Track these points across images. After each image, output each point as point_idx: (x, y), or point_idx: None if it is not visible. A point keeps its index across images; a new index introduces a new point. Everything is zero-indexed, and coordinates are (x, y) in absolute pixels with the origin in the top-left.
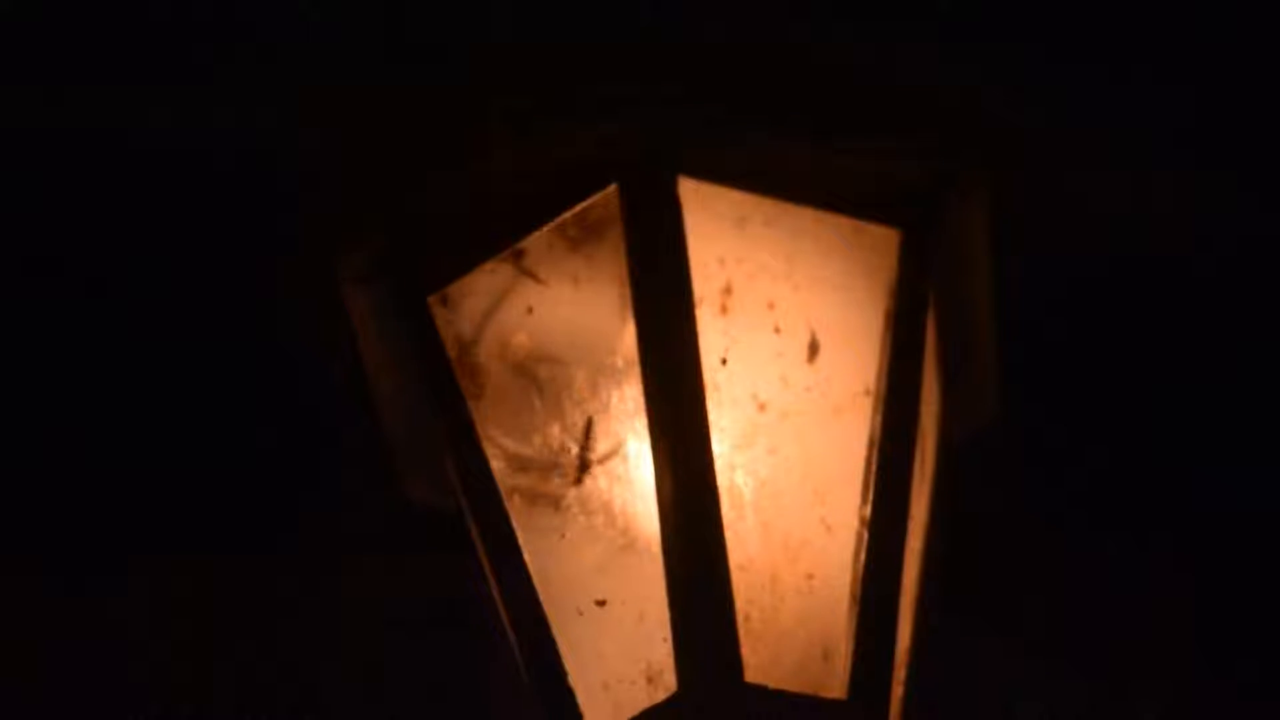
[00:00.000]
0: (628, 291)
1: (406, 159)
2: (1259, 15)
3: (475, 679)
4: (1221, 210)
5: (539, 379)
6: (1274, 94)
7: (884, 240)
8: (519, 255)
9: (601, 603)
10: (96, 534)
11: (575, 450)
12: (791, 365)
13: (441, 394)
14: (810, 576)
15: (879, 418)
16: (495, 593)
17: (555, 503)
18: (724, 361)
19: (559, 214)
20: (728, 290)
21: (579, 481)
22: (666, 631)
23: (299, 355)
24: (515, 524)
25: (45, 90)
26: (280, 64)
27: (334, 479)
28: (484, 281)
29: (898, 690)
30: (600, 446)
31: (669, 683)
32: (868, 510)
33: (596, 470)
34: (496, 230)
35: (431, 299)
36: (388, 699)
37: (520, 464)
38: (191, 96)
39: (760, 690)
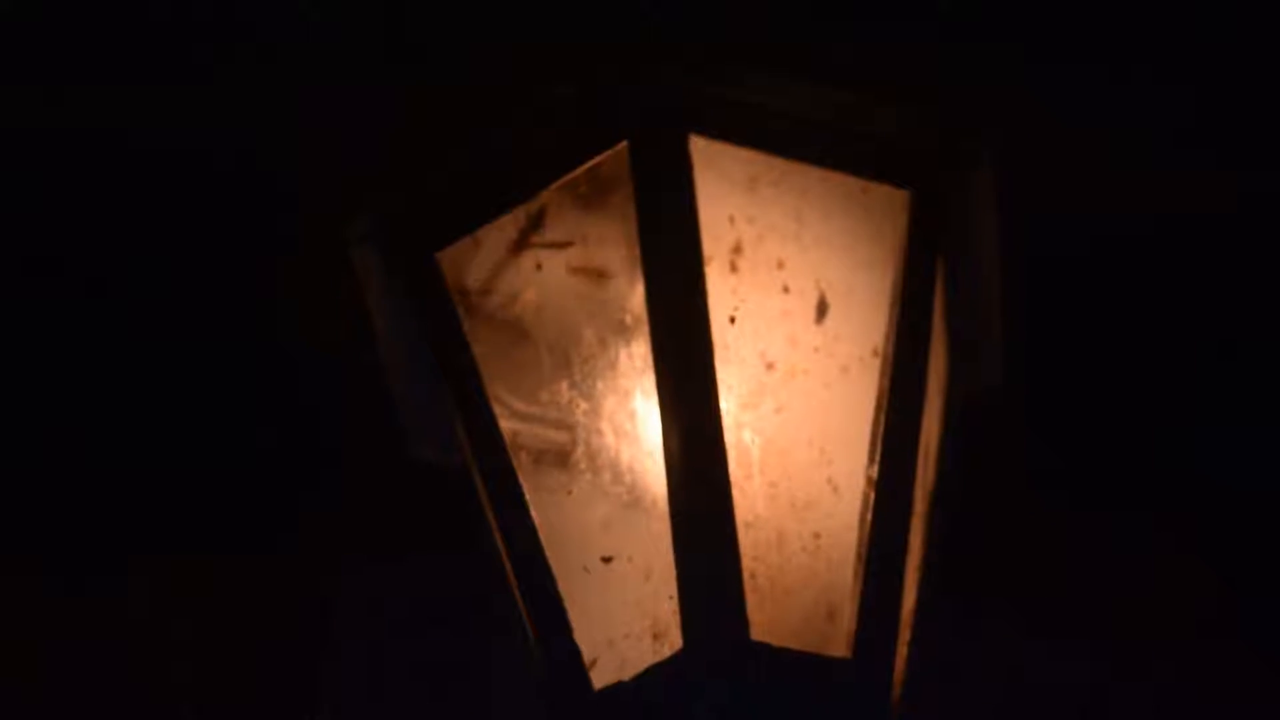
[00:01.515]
0: (637, 249)
1: (406, 159)
2: (1259, 15)
3: (475, 678)
4: (1221, 210)
5: (547, 336)
6: (1274, 94)
7: (893, 201)
8: (529, 213)
9: (608, 559)
10: (96, 534)
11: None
12: (800, 325)
13: (449, 351)
14: (816, 536)
15: (887, 378)
16: (502, 550)
17: (562, 460)
18: (733, 320)
19: (569, 171)
20: (737, 249)
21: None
22: (673, 589)
23: (299, 355)
24: (522, 481)
25: (45, 90)
26: (280, 64)
27: (334, 479)
28: (493, 238)
29: (902, 650)
30: (607, 404)
31: (675, 640)
32: (874, 471)
33: (604, 427)
34: (506, 187)
35: (440, 256)
36: (388, 698)
37: (528, 421)
38: (191, 96)
39: (765, 648)
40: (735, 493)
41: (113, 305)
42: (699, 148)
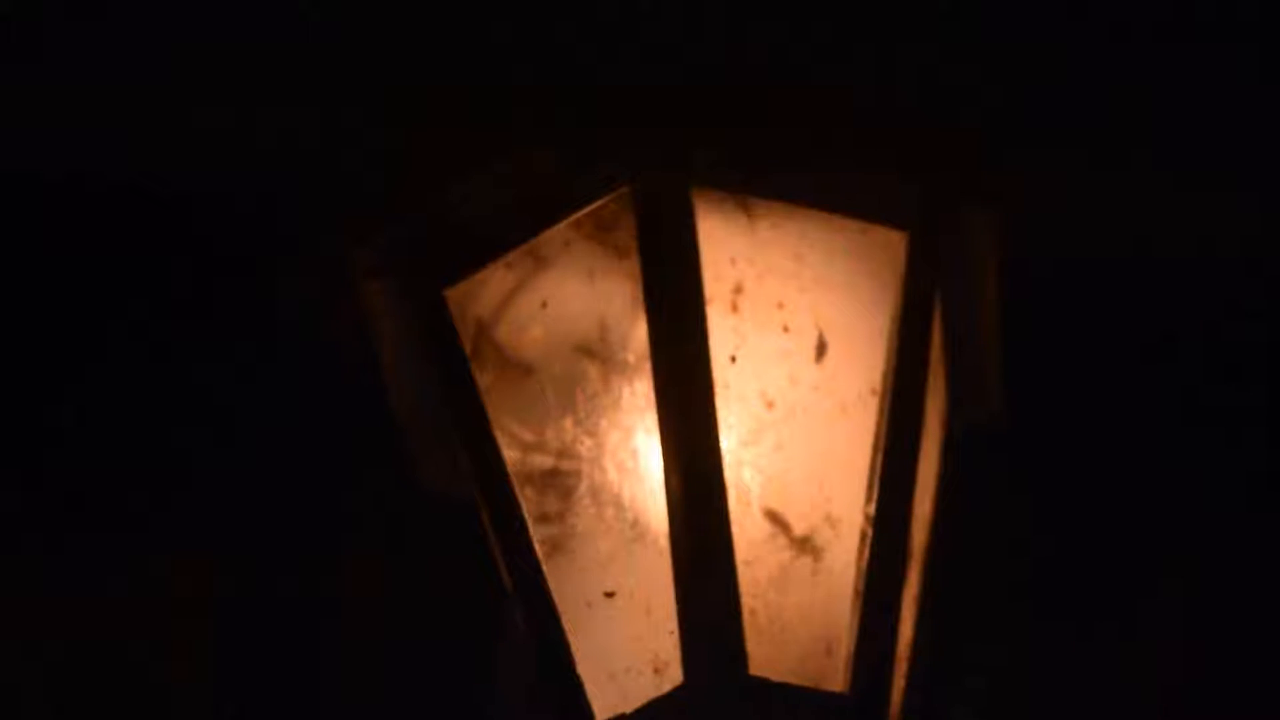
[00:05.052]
0: (640, 289)
1: (411, 159)
2: (1259, 15)
3: (476, 680)
4: (1222, 210)
5: (552, 372)
6: (1274, 94)
7: (892, 242)
8: (534, 251)
9: (610, 594)
10: (96, 534)
11: None
12: (799, 364)
13: (456, 385)
14: (814, 573)
15: (884, 417)
16: (506, 582)
17: (566, 495)
18: (733, 359)
19: (574, 211)
20: (738, 290)
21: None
22: (673, 624)
23: (300, 355)
24: (526, 515)
25: (45, 90)
26: (280, 64)
27: (335, 479)
28: (499, 276)
29: (899, 684)
30: (610, 441)
31: (675, 674)
32: (872, 508)
33: (607, 463)
34: (512, 225)
35: (448, 292)
36: (388, 699)
37: (532, 455)
38: (192, 96)
39: (763, 682)
40: (735, 529)
41: (112, 305)
42: (700, 191)
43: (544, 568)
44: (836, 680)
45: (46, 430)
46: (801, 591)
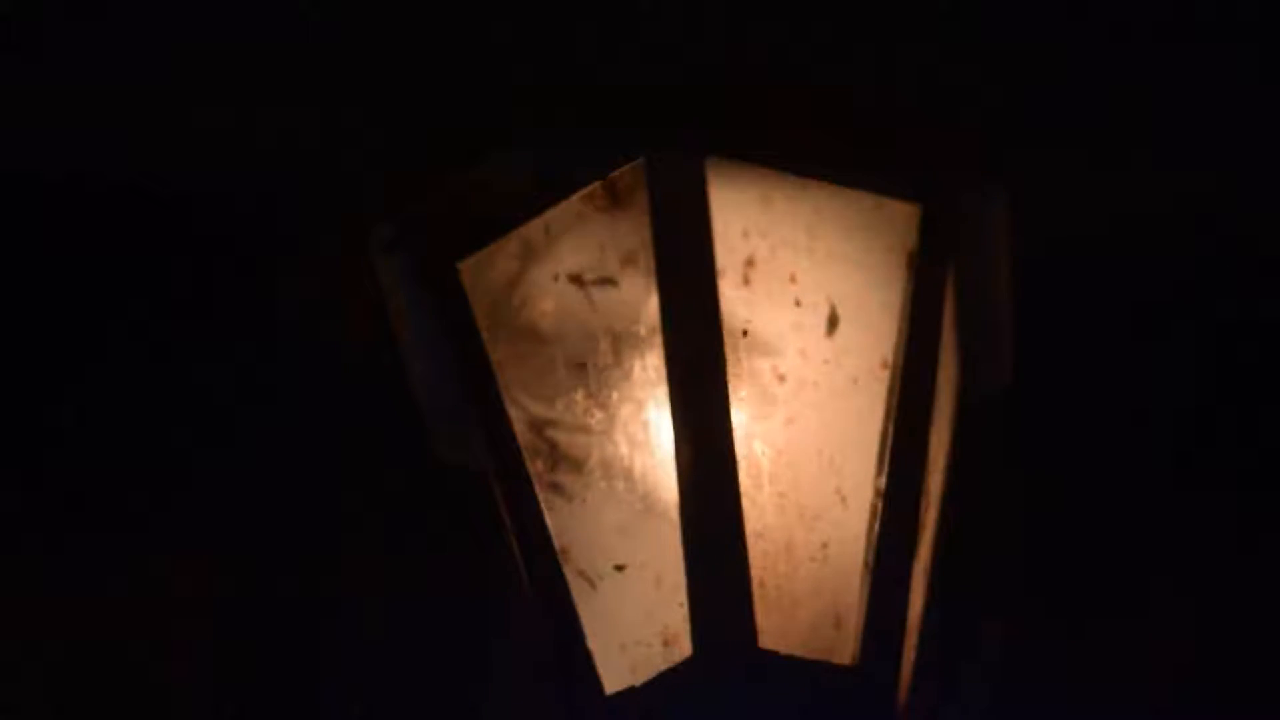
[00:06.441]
0: (652, 262)
1: (415, 158)
2: (1259, 15)
3: (476, 680)
4: (1221, 209)
5: (564, 346)
6: (1274, 94)
7: (904, 215)
8: (546, 224)
9: (621, 567)
10: (96, 534)
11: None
12: (811, 338)
13: (468, 358)
14: (824, 546)
15: (895, 390)
16: (517, 554)
17: (577, 468)
18: (745, 333)
19: (587, 184)
20: (750, 263)
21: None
22: (683, 596)
23: (300, 355)
24: (538, 488)
25: (45, 90)
26: (281, 64)
27: (335, 479)
28: (512, 249)
29: (909, 657)
30: (621, 414)
31: (684, 646)
32: (882, 481)
33: (618, 436)
34: (525, 198)
35: (462, 265)
36: (388, 699)
37: (544, 428)
38: (192, 96)
39: (773, 655)
40: (745, 502)
41: (113, 305)
42: (714, 163)
43: (555, 540)
44: (845, 653)
45: (46, 430)
46: (811, 564)
